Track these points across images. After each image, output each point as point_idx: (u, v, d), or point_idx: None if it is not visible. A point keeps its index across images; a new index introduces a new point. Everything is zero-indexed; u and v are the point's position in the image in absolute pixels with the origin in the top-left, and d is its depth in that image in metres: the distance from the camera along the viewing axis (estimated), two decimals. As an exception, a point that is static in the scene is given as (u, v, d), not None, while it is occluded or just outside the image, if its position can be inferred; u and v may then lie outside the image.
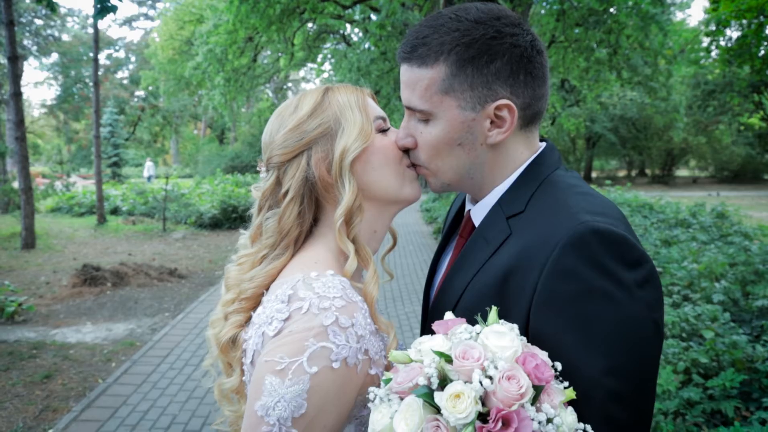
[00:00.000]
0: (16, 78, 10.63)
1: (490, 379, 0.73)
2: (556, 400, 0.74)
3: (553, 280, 0.85)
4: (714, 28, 10.27)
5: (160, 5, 43.57)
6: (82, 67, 41.28)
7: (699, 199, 12.39)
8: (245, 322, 1.03)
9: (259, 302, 1.01)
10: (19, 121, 10.62)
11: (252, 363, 0.94)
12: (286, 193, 1.03)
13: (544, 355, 0.78)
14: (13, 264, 9.53)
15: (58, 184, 16.00)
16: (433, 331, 0.86)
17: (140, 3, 45.55)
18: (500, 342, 0.77)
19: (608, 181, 17.24)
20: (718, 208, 9.85)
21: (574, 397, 0.77)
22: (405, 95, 1.04)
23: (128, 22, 46.59)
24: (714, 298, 4.57)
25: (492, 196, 1.06)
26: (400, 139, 1.07)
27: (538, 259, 0.88)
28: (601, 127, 33.51)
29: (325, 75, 25.56)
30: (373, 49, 14.15)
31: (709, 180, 37.13)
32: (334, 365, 0.86)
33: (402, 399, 0.77)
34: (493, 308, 0.85)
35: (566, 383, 0.79)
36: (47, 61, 41.45)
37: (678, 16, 32.32)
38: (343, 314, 0.89)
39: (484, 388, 0.72)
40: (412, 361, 0.80)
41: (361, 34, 19.15)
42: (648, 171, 40.72)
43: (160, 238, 12.71)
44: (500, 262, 0.94)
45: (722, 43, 10.75)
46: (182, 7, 32.06)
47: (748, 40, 9.17)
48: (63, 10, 40.12)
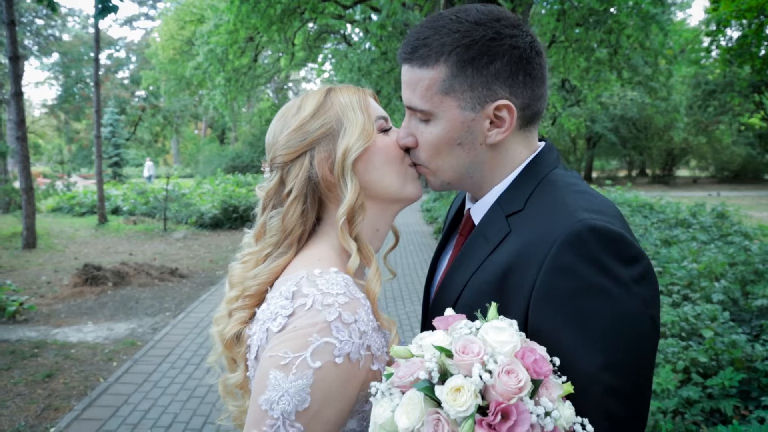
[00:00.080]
0: (17, 78, 10.62)
1: (490, 373, 0.74)
2: (555, 394, 0.76)
3: (552, 276, 0.86)
4: (714, 28, 10.27)
5: (160, 5, 43.64)
6: (83, 67, 41.30)
7: (699, 199, 12.38)
8: (249, 319, 1.04)
9: (262, 299, 1.03)
10: (20, 121, 10.63)
11: (256, 358, 0.96)
12: (290, 193, 1.05)
13: (543, 350, 0.80)
14: (15, 264, 9.55)
15: (59, 184, 16.02)
16: (434, 327, 0.87)
17: (141, 3, 45.58)
18: (499, 337, 0.78)
19: (609, 181, 17.23)
20: (718, 208, 9.85)
21: (572, 392, 0.79)
22: (406, 95, 1.05)
23: (129, 21, 46.63)
24: (714, 298, 4.57)
25: (491, 194, 1.07)
26: (401, 139, 1.08)
27: (537, 257, 0.89)
28: (602, 127, 33.49)
29: (326, 75, 25.57)
30: (373, 49, 14.16)
31: (710, 180, 37.11)
32: (337, 360, 0.87)
33: (403, 393, 0.79)
34: (493, 304, 0.86)
35: (564, 378, 0.81)
36: (48, 60, 41.49)
37: (678, 16, 32.32)
38: (346, 310, 0.90)
39: (484, 382, 0.74)
40: (413, 356, 0.82)
41: (361, 34, 19.17)
42: (648, 171, 40.70)
43: (161, 238, 12.72)
44: (500, 259, 0.96)
45: (723, 43, 10.74)
46: (183, 7, 32.09)
47: (748, 40, 9.18)
48: (64, 10, 40.12)
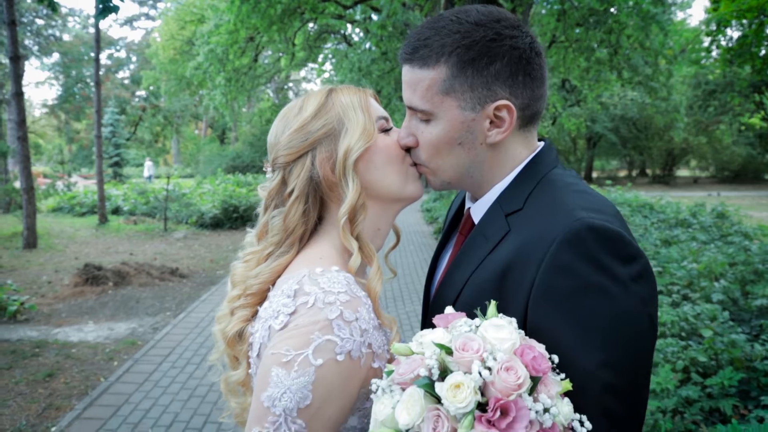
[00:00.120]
0: (18, 78, 10.63)
1: (489, 370, 0.75)
2: (553, 391, 0.77)
3: (551, 275, 0.87)
4: (714, 28, 10.27)
5: (161, 5, 43.65)
6: (83, 67, 41.32)
7: (699, 199, 12.39)
8: (251, 317, 1.05)
9: (264, 298, 1.04)
10: (21, 121, 10.63)
11: (258, 356, 0.96)
12: (292, 192, 1.06)
13: (542, 348, 0.80)
14: (15, 263, 9.56)
15: (60, 184, 16.01)
16: (434, 325, 0.88)
17: (141, 3, 45.60)
18: (499, 335, 0.79)
19: (609, 181, 17.23)
20: (718, 208, 9.86)
21: (571, 389, 0.80)
22: (406, 95, 1.06)
23: (129, 21, 46.64)
24: (713, 298, 4.57)
25: (491, 194, 1.08)
26: (402, 139, 1.09)
27: (536, 255, 0.90)
28: (602, 127, 33.49)
29: (326, 75, 25.59)
30: (374, 49, 14.17)
31: (710, 180, 37.11)
32: (339, 358, 0.88)
33: (404, 390, 0.79)
34: (492, 302, 0.87)
35: (563, 375, 0.82)
36: (48, 60, 41.52)
37: (679, 16, 32.31)
38: (348, 308, 0.91)
39: (483, 379, 0.75)
40: (414, 354, 0.83)
41: (362, 34, 19.18)
42: (649, 171, 40.70)
43: (162, 238, 12.73)
44: (499, 258, 0.96)
45: (723, 43, 10.73)
46: (183, 7, 32.10)
47: (748, 40, 9.17)
48: (64, 10, 40.15)
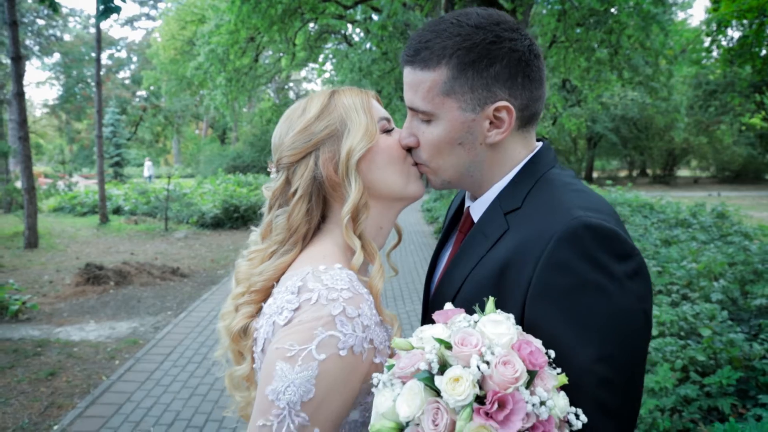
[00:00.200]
0: (19, 78, 10.61)
1: (487, 364, 0.77)
2: (549, 385, 0.79)
3: (548, 272, 0.89)
4: (715, 28, 10.27)
5: (161, 5, 43.69)
6: (84, 67, 41.37)
7: (700, 200, 12.38)
8: (255, 313, 1.07)
9: (268, 295, 1.06)
10: (22, 121, 10.65)
11: (263, 351, 0.98)
12: (295, 192, 1.08)
13: (538, 343, 0.82)
14: (17, 263, 9.58)
15: (61, 184, 16.03)
16: (434, 321, 0.90)
17: (142, 3, 45.63)
18: (497, 330, 0.81)
19: (609, 181, 17.24)
20: (719, 209, 9.87)
21: (567, 383, 0.82)
22: (408, 96, 1.08)
23: (130, 22, 46.68)
24: (712, 297, 4.59)
25: (491, 193, 1.10)
26: (403, 139, 1.11)
27: (534, 253, 0.91)
28: (603, 127, 33.50)
29: (327, 75, 25.61)
30: (374, 49, 14.18)
31: (711, 180, 37.11)
32: (341, 353, 0.90)
33: (404, 383, 0.81)
34: (491, 299, 0.89)
35: (559, 369, 0.83)
36: (49, 60, 41.56)
37: (680, 16, 32.31)
38: (350, 305, 0.93)
39: (482, 373, 0.77)
40: (414, 348, 0.85)
41: (362, 35, 19.19)
42: (649, 171, 40.71)
43: (163, 238, 12.75)
44: (498, 255, 0.98)
45: (723, 43, 10.73)
46: (184, 7, 32.13)
47: (749, 40, 9.16)
48: (65, 10, 40.18)
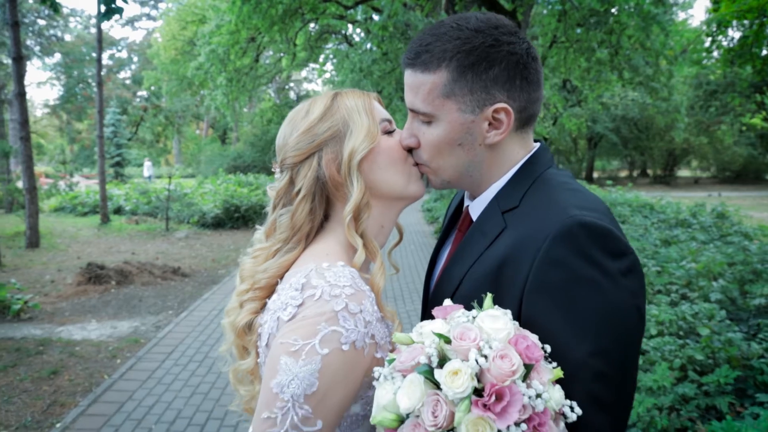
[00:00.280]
0: (21, 78, 10.63)
1: (485, 357, 0.80)
2: (545, 378, 0.81)
3: (544, 269, 0.91)
4: (715, 29, 10.28)
5: (162, 5, 43.74)
6: (85, 67, 41.45)
7: (700, 200, 12.39)
8: (260, 309, 1.10)
9: (272, 291, 1.08)
10: (24, 121, 10.68)
11: (267, 345, 1.01)
12: (299, 192, 1.11)
13: (535, 338, 0.85)
14: (18, 263, 9.61)
15: (62, 184, 16.08)
16: (433, 317, 0.92)
17: (143, 3, 45.68)
18: (495, 325, 0.84)
19: (610, 182, 17.23)
20: (719, 209, 9.89)
21: (562, 376, 0.84)
22: (409, 98, 1.10)
23: (130, 22, 46.74)
24: (712, 297, 4.60)
25: (489, 192, 1.12)
26: (404, 140, 1.13)
27: (531, 251, 0.94)
28: (603, 128, 33.53)
29: (327, 75, 25.66)
30: (375, 49, 14.18)
31: (711, 180, 37.13)
32: (344, 347, 0.93)
33: (404, 376, 0.84)
34: (489, 295, 0.92)
35: (554, 363, 0.86)
36: (50, 61, 41.64)
37: (680, 16, 32.32)
38: (353, 301, 0.95)
39: (480, 366, 0.79)
40: (414, 343, 0.87)
41: (363, 35, 19.22)
42: (650, 171, 40.73)
43: (163, 238, 12.78)
44: (496, 253, 1.01)
45: (724, 44, 10.75)
46: (184, 8, 32.19)
47: (749, 41, 9.17)
48: (66, 11, 40.24)
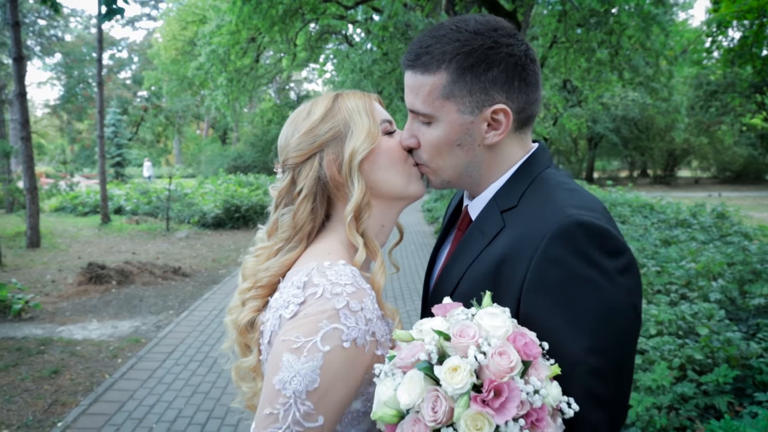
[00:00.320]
0: (21, 78, 10.64)
1: (484, 354, 0.81)
2: (543, 375, 0.83)
3: (542, 267, 0.93)
4: (715, 29, 10.29)
5: (162, 6, 43.76)
6: (85, 68, 41.49)
7: (700, 200, 12.39)
8: (262, 307, 1.11)
9: (274, 290, 1.10)
10: (24, 121, 10.69)
11: (269, 343, 1.02)
12: (300, 192, 1.12)
13: (533, 335, 0.86)
14: (19, 262, 9.62)
15: (62, 184, 16.10)
16: (433, 314, 0.94)
17: (143, 3, 45.71)
18: (493, 322, 0.85)
19: (610, 182, 17.22)
20: (719, 209, 9.90)
21: (559, 373, 0.86)
22: (409, 99, 1.12)
23: (131, 22, 46.77)
24: (711, 297, 4.61)
25: (488, 192, 1.14)
26: (405, 140, 1.15)
27: (529, 250, 0.95)
28: (603, 128, 33.53)
29: (327, 75, 25.65)
30: (375, 49, 14.19)
31: (712, 180, 37.13)
32: (345, 345, 0.94)
33: (405, 373, 0.85)
34: (487, 293, 0.93)
35: (552, 360, 0.87)
36: (50, 61, 41.68)
37: (680, 17, 32.31)
38: (354, 299, 0.97)
39: (479, 363, 0.81)
40: (414, 340, 0.89)
41: (363, 35, 19.22)
42: (650, 171, 40.72)
43: (164, 238, 12.79)
44: (494, 251, 1.02)
45: (724, 44, 10.76)
46: (185, 8, 32.21)
47: (749, 41, 9.18)
48: (66, 11, 40.27)
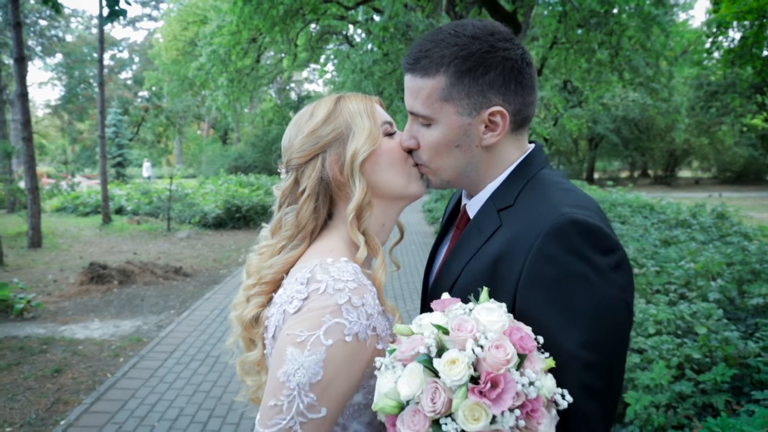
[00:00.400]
0: (23, 79, 10.67)
1: (481, 347, 0.84)
2: (538, 367, 0.86)
3: (538, 264, 0.96)
4: (716, 30, 10.31)
5: (163, 6, 43.82)
6: (86, 68, 41.57)
7: (701, 200, 12.41)
8: (266, 303, 1.15)
9: (277, 286, 1.14)
10: (26, 122, 10.72)
11: (273, 337, 1.06)
12: (303, 191, 1.16)
13: (528, 329, 0.90)
14: (21, 262, 9.66)
15: (64, 184, 16.15)
16: (432, 309, 0.97)
17: (144, 4, 45.79)
18: (490, 317, 0.88)
19: (610, 182, 17.24)
20: (719, 209, 9.92)
21: (554, 366, 0.89)
22: (409, 102, 1.15)
23: (132, 22, 46.84)
24: (710, 297, 4.63)
25: (486, 191, 1.17)
26: (405, 141, 1.18)
27: (524, 247, 0.99)
28: (604, 128, 33.57)
29: (328, 76, 25.68)
30: (375, 50, 14.22)
31: (712, 181, 37.16)
32: (347, 339, 0.97)
33: (405, 366, 0.89)
34: (485, 289, 0.96)
35: (547, 354, 0.91)
36: (51, 61, 41.77)
37: (680, 17, 32.31)
38: (355, 295, 1.00)
39: (476, 356, 0.84)
40: (414, 334, 0.92)
41: (363, 36, 19.26)
42: (650, 172, 40.76)
43: (165, 238, 12.83)
44: (491, 249, 1.06)
45: (724, 44, 10.78)
46: (186, 8, 32.27)
47: (749, 42, 9.21)
48: (67, 11, 40.35)
